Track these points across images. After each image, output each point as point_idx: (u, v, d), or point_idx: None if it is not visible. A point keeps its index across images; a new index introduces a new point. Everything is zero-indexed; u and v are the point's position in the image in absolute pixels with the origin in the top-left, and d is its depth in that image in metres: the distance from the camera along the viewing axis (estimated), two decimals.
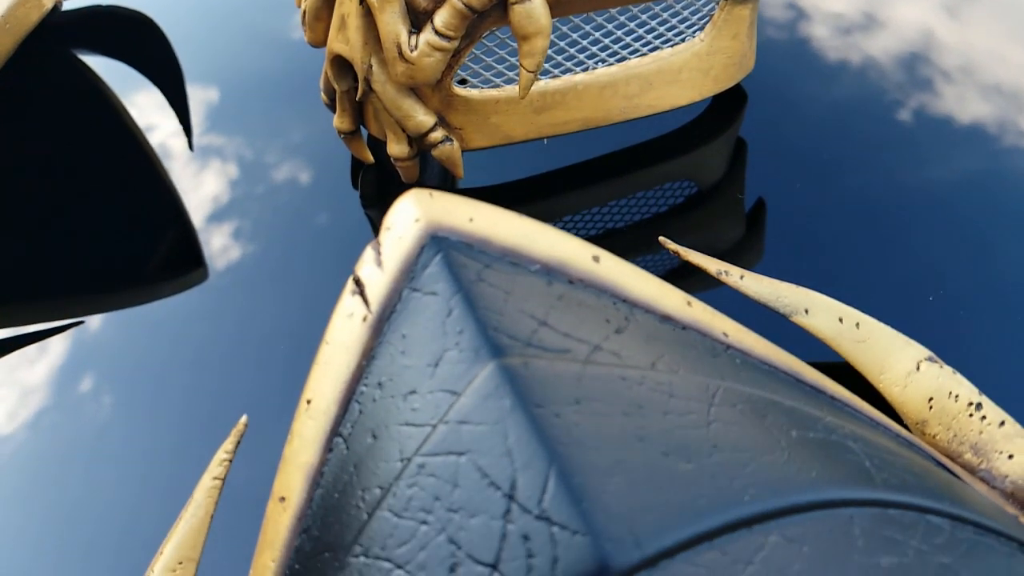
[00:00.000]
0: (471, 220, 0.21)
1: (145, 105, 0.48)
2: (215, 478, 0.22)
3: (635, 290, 0.22)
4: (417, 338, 0.19)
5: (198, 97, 0.48)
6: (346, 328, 0.20)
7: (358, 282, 0.21)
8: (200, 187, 0.42)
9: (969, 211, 0.37)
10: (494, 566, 0.16)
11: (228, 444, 0.22)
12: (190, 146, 0.45)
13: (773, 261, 0.36)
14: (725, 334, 0.22)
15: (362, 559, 0.17)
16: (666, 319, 0.21)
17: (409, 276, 0.20)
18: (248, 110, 0.47)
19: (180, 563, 0.21)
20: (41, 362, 0.35)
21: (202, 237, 0.39)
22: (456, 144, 0.33)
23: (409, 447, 0.18)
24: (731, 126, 0.40)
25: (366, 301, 0.20)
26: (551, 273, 0.21)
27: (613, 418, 0.17)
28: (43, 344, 0.35)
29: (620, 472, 0.16)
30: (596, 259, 0.22)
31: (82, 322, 0.37)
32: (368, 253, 0.21)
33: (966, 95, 0.43)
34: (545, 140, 0.36)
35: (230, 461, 0.22)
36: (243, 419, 0.22)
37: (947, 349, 0.24)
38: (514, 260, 0.21)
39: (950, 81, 0.43)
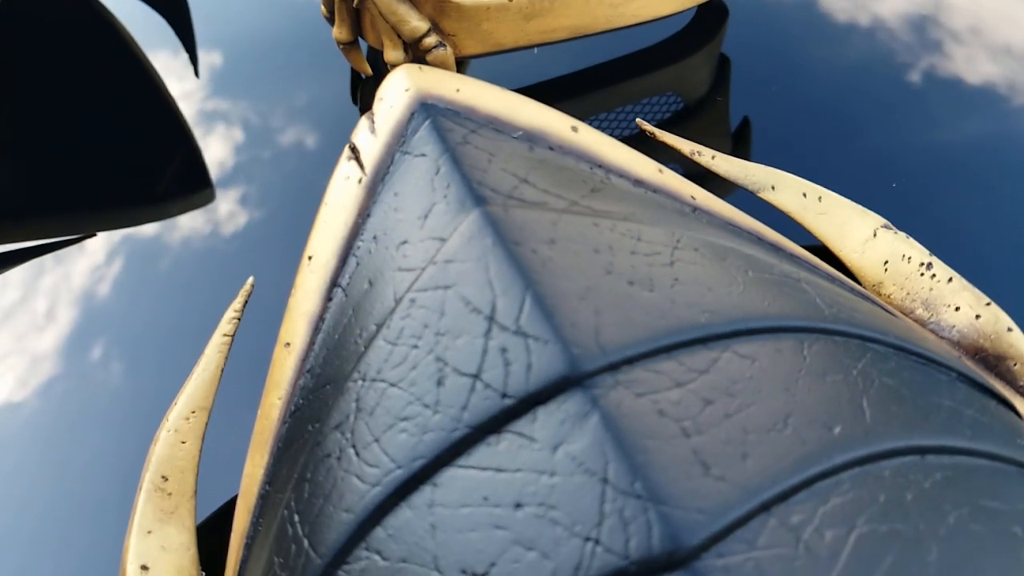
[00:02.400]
0: (458, 90, 0.22)
1: (152, 34, 0.49)
2: (225, 335, 0.24)
3: (611, 157, 0.23)
4: (408, 195, 0.21)
5: (201, 27, 0.49)
6: (343, 190, 0.22)
7: (353, 148, 0.23)
8: (206, 109, 0.44)
9: (936, 109, 0.38)
10: (476, 375, 0.18)
11: (236, 303, 0.24)
12: (196, 73, 0.47)
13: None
14: (693, 197, 0.23)
15: (360, 383, 0.19)
16: (639, 183, 0.23)
17: (400, 140, 0.22)
18: (251, 40, 0.48)
19: (193, 412, 0.23)
20: (83, 253, 0.37)
21: (212, 149, 0.41)
22: (450, 50, 0.35)
23: (402, 288, 0.20)
24: (713, 39, 0.42)
25: (361, 165, 0.22)
26: (533, 139, 0.23)
27: (584, 255, 0.19)
28: (76, 248, 0.38)
29: (589, 296, 0.18)
30: (575, 129, 0.23)
31: (94, 234, 0.39)
32: (363, 123, 0.23)
33: (941, 11, 0.44)
34: (535, 49, 0.37)
35: (239, 319, 0.24)
36: (250, 280, 0.24)
37: (903, 220, 0.26)
38: (498, 127, 0.22)
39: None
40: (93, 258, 0.37)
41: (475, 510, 0.16)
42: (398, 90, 0.22)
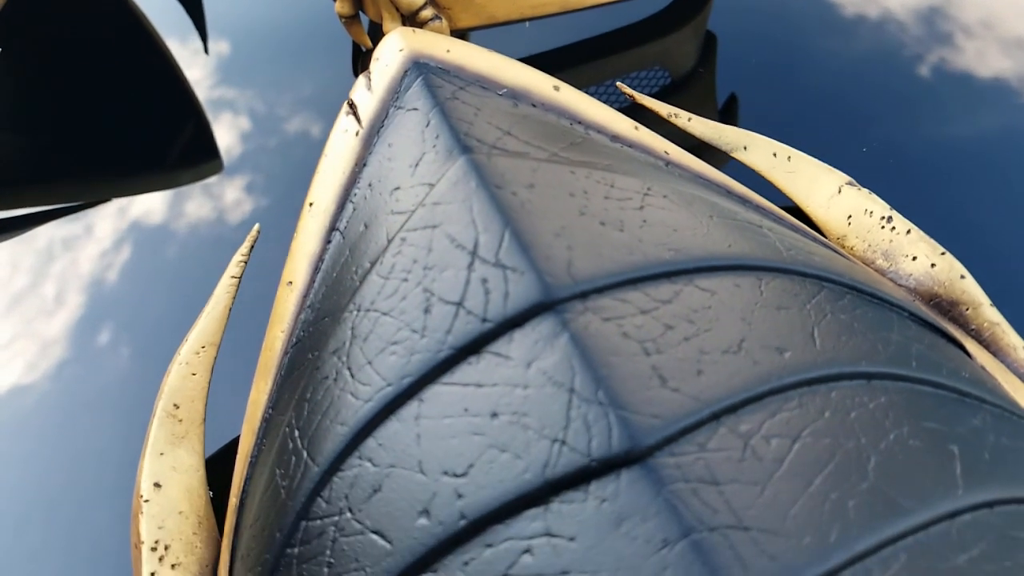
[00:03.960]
0: (448, 51, 0.24)
1: (165, 13, 0.51)
2: (232, 276, 0.25)
3: (590, 114, 0.25)
4: (401, 146, 0.23)
5: (211, 7, 0.51)
6: (341, 142, 0.24)
7: (351, 104, 0.24)
8: (215, 84, 0.46)
9: (916, 89, 0.40)
10: (460, 303, 0.19)
11: (243, 248, 0.26)
12: (205, 50, 0.48)
13: None
14: (666, 152, 0.25)
15: (354, 313, 0.21)
16: (616, 138, 0.25)
17: (394, 96, 0.24)
18: (256, 19, 0.50)
19: (203, 347, 0.25)
20: (101, 215, 0.39)
21: (221, 117, 0.43)
22: (445, 23, 0.37)
23: (394, 228, 0.22)
24: (699, 16, 0.43)
25: (358, 119, 0.24)
26: (517, 97, 0.24)
27: (560, 198, 0.21)
28: (89, 213, 0.39)
29: (563, 234, 0.20)
30: (556, 88, 0.25)
31: (108, 200, 0.41)
32: (360, 80, 0.24)
33: None
34: (527, 23, 0.39)
35: (245, 262, 0.26)
36: (256, 227, 0.26)
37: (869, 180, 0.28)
38: (484, 85, 0.24)
39: None
40: (113, 218, 0.39)
41: (456, 420, 0.18)
42: (393, 50, 0.24)
